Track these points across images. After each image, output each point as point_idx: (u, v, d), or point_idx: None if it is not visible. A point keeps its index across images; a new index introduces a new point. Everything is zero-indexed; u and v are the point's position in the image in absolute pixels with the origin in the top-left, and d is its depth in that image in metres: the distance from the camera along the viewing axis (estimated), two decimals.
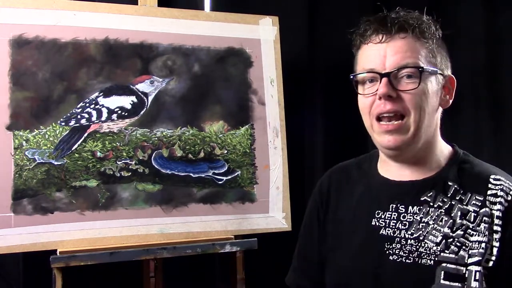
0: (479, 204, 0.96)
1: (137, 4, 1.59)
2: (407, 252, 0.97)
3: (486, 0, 1.96)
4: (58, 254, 1.38)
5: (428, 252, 0.95)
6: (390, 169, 1.06)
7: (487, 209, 0.94)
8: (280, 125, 1.67)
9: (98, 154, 1.48)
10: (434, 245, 0.95)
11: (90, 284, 1.66)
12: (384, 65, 0.97)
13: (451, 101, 1.04)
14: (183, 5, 1.71)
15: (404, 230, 0.99)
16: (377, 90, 0.97)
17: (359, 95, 1.03)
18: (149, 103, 1.54)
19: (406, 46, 0.98)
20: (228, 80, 1.63)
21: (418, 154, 1.01)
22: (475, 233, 0.93)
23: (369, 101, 1.00)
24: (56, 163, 1.43)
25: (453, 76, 1.04)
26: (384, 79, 0.96)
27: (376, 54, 0.99)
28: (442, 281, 0.92)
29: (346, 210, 1.10)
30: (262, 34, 1.68)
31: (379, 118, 0.99)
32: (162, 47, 1.56)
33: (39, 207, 1.41)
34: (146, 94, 1.53)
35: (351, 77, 1.03)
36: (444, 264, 0.93)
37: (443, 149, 1.05)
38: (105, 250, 1.42)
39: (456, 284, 0.91)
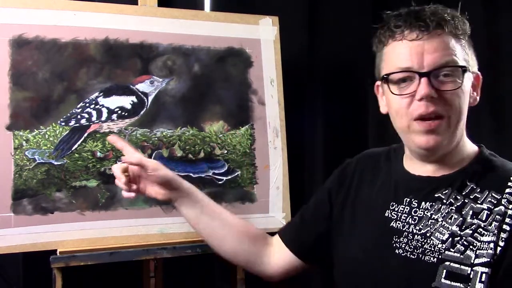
0: (495, 202, 0.93)
1: (137, 4, 1.59)
2: (412, 247, 0.96)
3: (486, 0, 1.96)
4: (58, 254, 1.38)
5: (432, 249, 0.94)
6: (413, 165, 1.05)
7: (502, 207, 0.92)
8: (280, 125, 1.67)
9: (98, 154, 1.48)
10: (440, 242, 0.93)
11: (90, 284, 1.66)
12: (422, 64, 0.93)
13: (478, 98, 1.02)
14: (183, 5, 1.71)
15: (413, 225, 0.98)
16: (415, 90, 0.93)
17: (393, 95, 0.97)
18: (149, 103, 1.54)
19: (444, 43, 0.94)
20: (228, 80, 1.63)
21: (444, 153, 0.99)
22: (486, 232, 0.91)
23: (406, 102, 0.95)
24: (56, 163, 1.43)
25: (479, 73, 1.02)
26: (424, 79, 0.92)
27: (413, 52, 0.94)
28: (443, 280, 0.90)
29: (365, 198, 1.09)
30: (262, 34, 1.68)
31: (416, 118, 0.95)
32: (162, 47, 1.56)
33: (39, 207, 1.40)
34: (146, 94, 1.53)
35: (384, 76, 0.98)
36: (447, 263, 0.91)
37: (468, 149, 1.03)
38: (105, 250, 1.42)
39: (458, 284, 0.89)
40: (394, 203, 1.03)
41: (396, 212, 1.02)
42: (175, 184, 1.21)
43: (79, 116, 1.47)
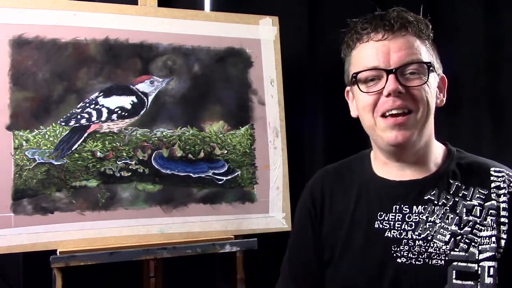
0: (484, 197, 0.95)
1: (137, 4, 1.60)
2: (416, 253, 0.95)
3: (486, 0, 1.96)
4: (58, 254, 1.38)
5: (438, 252, 0.94)
6: (389, 170, 1.04)
7: (493, 202, 0.94)
8: (280, 125, 1.67)
9: (98, 154, 1.48)
10: (443, 244, 0.94)
11: (90, 284, 1.66)
12: (389, 62, 0.96)
13: (444, 99, 1.04)
14: (183, 5, 1.71)
15: (411, 231, 0.97)
16: (383, 87, 0.95)
17: (361, 93, 0.99)
18: (149, 103, 1.54)
19: (408, 43, 0.97)
20: (228, 80, 1.63)
21: (418, 153, 1.00)
22: (483, 228, 0.93)
23: (373, 99, 0.98)
24: (56, 163, 1.43)
25: (444, 75, 1.05)
26: (392, 76, 0.94)
27: (379, 51, 0.97)
28: (454, 281, 0.91)
29: (343, 214, 1.06)
30: (262, 34, 1.68)
31: (383, 115, 0.97)
32: (162, 47, 1.56)
33: (39, 207, 1.41)
34: (146, 94, 1.53)
35: (353, 76, 1.00)
36: (455, 263, 0.92)
37: (438, 148, 1.05)
38: (105, 250, 1.42)
39: (469, 282, 0.90)
40: (382, 213, 1.01)
41: (387, 222, 1.00)
42: None
43: (79, 116, 1.47)
